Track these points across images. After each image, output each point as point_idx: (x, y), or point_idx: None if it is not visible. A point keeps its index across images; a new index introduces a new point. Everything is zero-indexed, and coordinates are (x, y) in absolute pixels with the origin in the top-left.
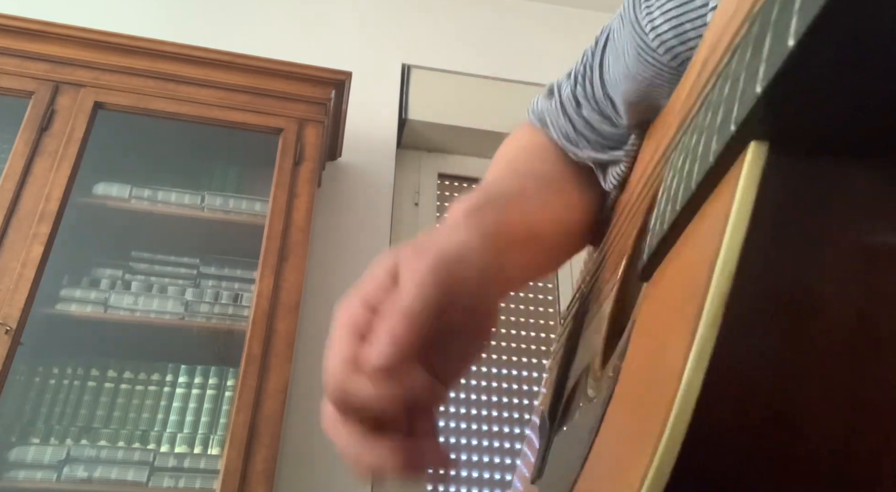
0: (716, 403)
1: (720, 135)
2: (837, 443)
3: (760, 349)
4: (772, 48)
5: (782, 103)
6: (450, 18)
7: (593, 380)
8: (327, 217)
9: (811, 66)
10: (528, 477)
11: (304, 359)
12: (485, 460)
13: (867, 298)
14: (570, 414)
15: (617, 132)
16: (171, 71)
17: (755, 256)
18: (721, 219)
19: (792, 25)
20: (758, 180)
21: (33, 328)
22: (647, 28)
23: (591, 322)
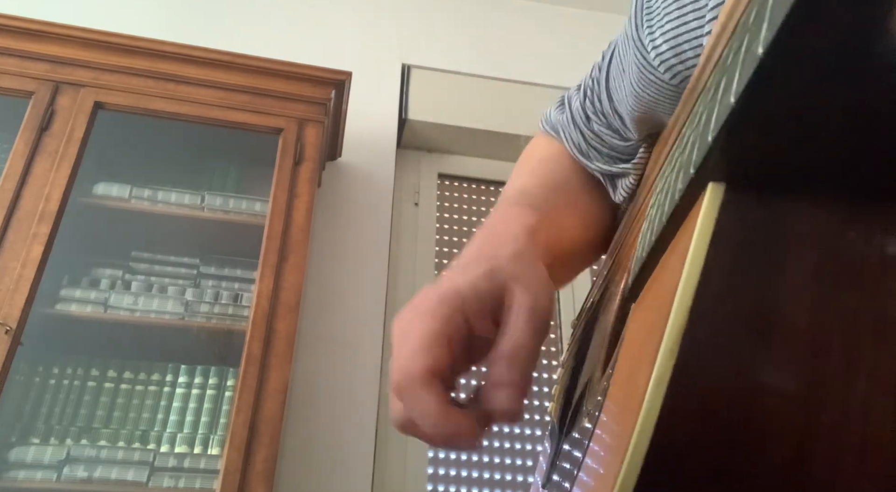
0: (673, 426)
1: (684, 174)
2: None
3: (715, 375)
4: (721, 99)
5: (731, 150)
6: (450, 18)
7: (594, 391)
8: (327, 217)
9: (752, 118)
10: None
11: (304, 359)
12: (485, 460)
13: (819, 328)
14: (577, 423)
15: (626, 145)
16: (171, 71)
17: (710, 289)
18: (682, 254)
19: (734, 82)
20: (714, 219)
21: (33, 328)
22: (649, 47)
23: (598, 333)
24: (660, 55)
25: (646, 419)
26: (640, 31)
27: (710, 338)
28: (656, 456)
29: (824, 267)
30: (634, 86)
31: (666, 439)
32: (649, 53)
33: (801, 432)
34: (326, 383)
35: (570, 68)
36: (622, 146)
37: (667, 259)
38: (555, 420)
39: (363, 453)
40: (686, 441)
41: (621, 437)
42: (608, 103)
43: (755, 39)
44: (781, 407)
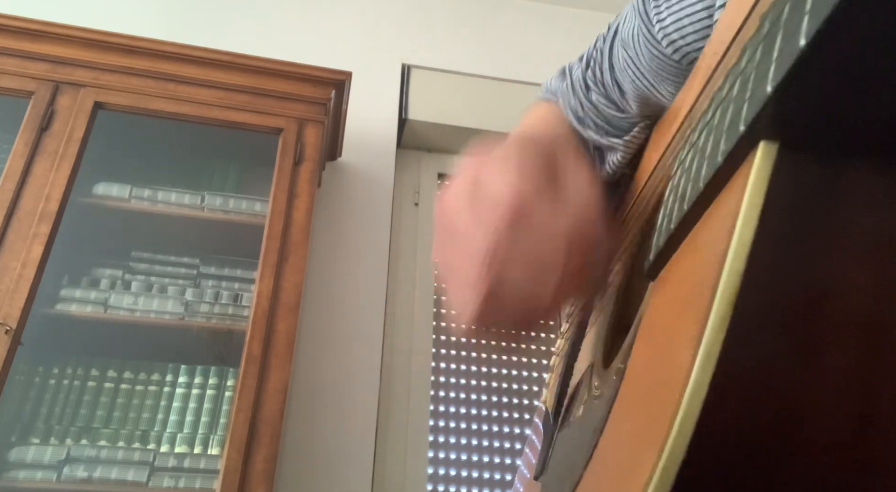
0: (723, 403)
1: (729, 134)
2: (845, 448)
3: (769, 350)
4: (782, 48)
5: (793, 103)
6: (450, 18)
7: (597, 378)
8: (327, 217)
9: (822, 66)
10: (530, 475)
11: (304, 359)
12: (485, 460)
13: (877, 297)
14: (574, 411)
15: (622, 117)
16: (171, 71)
17: (764, 255)
18: (730, 218)
19: (804, 25)
20: (767, 180)
21: (33, 328)
22: (654, 20)
23: (597, 319)
24: (664, 29)
25: (692, 397)
26: (647, 5)
27: (765, 308)
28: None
29: (885, 234)
30: (638, 58)
31: (715, 419)
32: (654, 27)
33: (861, 410)
34: (326, 383)
35: None
36: (618, 118)
37: (704, 227)
38: (549, 409)
39: (363, 453)
40: (737, 420)
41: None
42: (609, 74)
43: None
44: (838, 383)
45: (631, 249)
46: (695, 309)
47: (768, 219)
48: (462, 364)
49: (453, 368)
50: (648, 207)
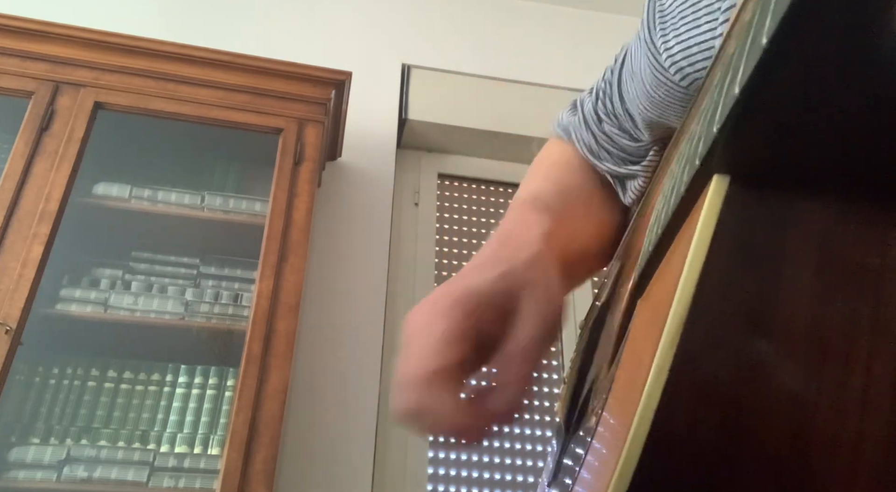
0: (671, 416)
1: (690, 166)
2: (788, 452)
3: (715, 366)
4: (726, 91)
5: (735, 142)
6: (450, 18)
7: (599, 389)
8: (327, 217)
9: (757, 110)
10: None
11: (304, 359)
12: (485, 460)
13: (817, 324)
14: (583, 421)
15: (636, 146)
16: (171, 71)
17: (712, 281)
18: (686, 246)
19: (739, 72)
20: (718, 210)
21: (33, 328)
22: (662, 50)
23: (606, 332)
24: (672, 57)
25: (645, 407)
26: (653, 34)
27: (711, 329)
28: (655, 443)
29: (825, 264)
30: (646, 88)
31: (665, 427)
32: (661, 55)
33: (798, 423)
34: (326, 382)
35: (571, 68)
36: (632, 147)
37: (672, 253)
38: (561, 419)
39: (363, 453)
40: (685, 429)
41: (621, 427)
42: (620, 105)
43: (759, 32)
44: (779, 399)
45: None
46: (656, 326)
47: (717, 247)
48: None
49: None
50: None
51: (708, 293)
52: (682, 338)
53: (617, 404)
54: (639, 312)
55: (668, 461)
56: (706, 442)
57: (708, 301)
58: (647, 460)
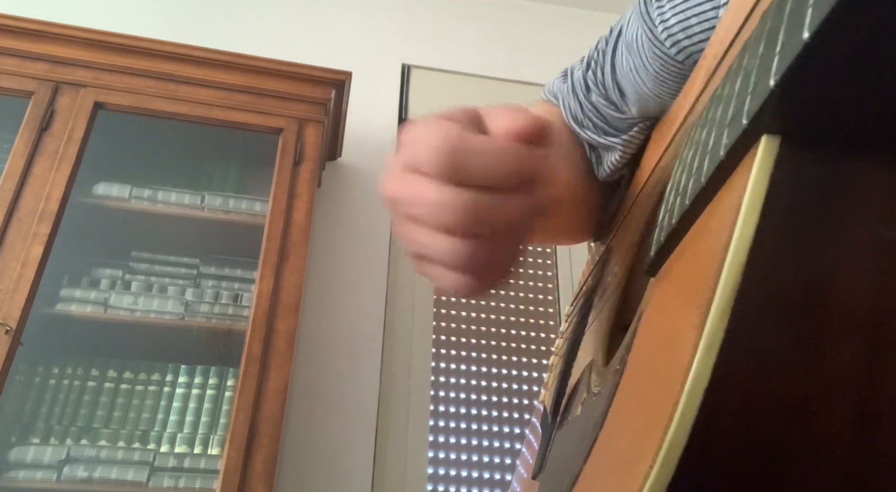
0: (725, 394)
1: (731, 129)
2: (848, 444)
3: (771, 342)
4: (785, 41)
5: (796, 97)
6: (450, 18)
7: (597, 375)
8: (327, 217)
9: (826, 59)
10: (527, 475)
11: (304, 359)
12: (485, 460)
13: (880, 293)
14: (573, 409)
15: (621, 119)
16: (171, 71)
17: (766, 248)
18: (732, 211)
19: (807, 18)
20: (769, 173)
21: (33, 328)
22: (657, 21)
23: (596, 318)
24: (668, 29)
25: (693, 387)
26: (650, 6)
27: (766, 302)
28: (706, 426)
29: (887, 232)
30: (643, 60)
31: (717, 408)
32: (657, 27)
33: (862, 404)
34: (326, 382)
35: None
36: (616, 119)
37: (706, 223)
38: (547, 408)
39: (363, 453)
40: (739, 410)
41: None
42: (610, 75)
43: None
44: (839, 378)
45: (631, 249)
46: (696, 301)
47: (770, 212)
48: (462, 364)
49: (453, 368)
50: (648, 207)
51: (762, 262)
52: (735, 311)
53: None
54: (656, 290)
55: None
56: (764, 425)
57: (761, 272)
58: (696, 445)
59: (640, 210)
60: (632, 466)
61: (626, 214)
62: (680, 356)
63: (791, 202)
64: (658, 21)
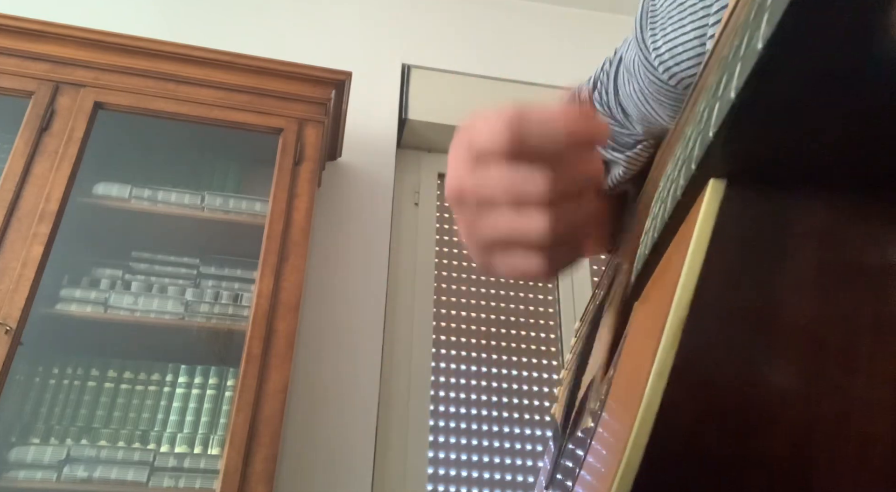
0: (673, 418)
1: (686, 171)
2: (791, 454)
3: (715, 370)
4: (722, 95)
5: (731, 146)
6: (450, 18)
7: (595, 391)
8: (327, 217)
9: (753, 114)
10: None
11: (304, 359)
12: (484, 460)
13: (821, 322)
14: (581, 423)
15: (627, 136)
16: (171, 71)
17: (711, 284)
18: (684, 250)
19: (735, 76)
20: (715, 215)
21: (33, 328)
22: (651, 48)
23: (601, 334)
24: (660, 57)
25: (646, 412)
26: (644, 33)
27: (711, 332)
28: (657, 447)
29: (826, 264)
30: (638, 84)
31: (666, 431)
32: (651, 54)
33: (801, 424)
34: (326, 383)
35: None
36: (623, 138)
37: (669, 256)
38: (558, 421)
39: (363, 453)
40: (686, 433)
41: (621, 431)
42: (614, 98)
43: (755, 35)
44: (781, 400)
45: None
46: (655, 330)
47: (715, 253)
48: (462, 364)
49: (453, 368)
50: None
51: (707, 296)
52: (683, 340)
53: (617, 408)
54: (636, 314)
55: (670, 467)
56: (709, 446)
57: (707, 303)
58: (649, 465)
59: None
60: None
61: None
62: (640, 381)
63: (735, 239)
64: (651, 48)
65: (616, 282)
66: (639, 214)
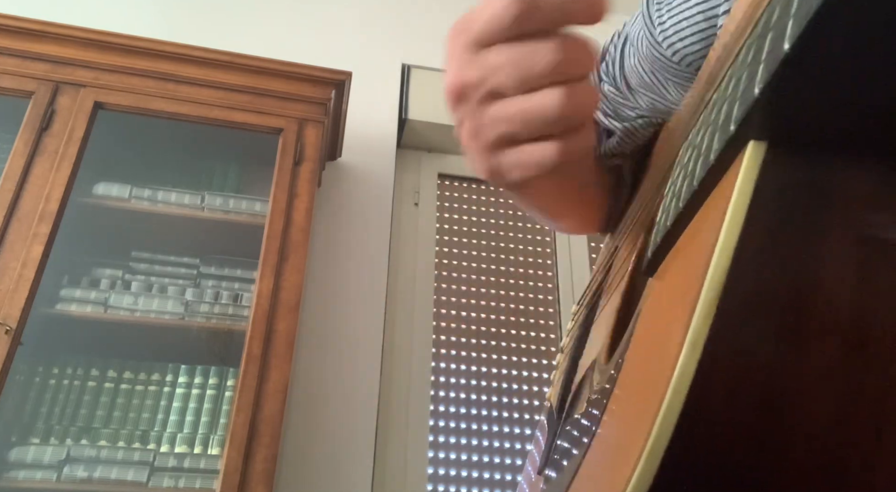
0: (708, 390)
1: (721, 134)
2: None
3: (753, 340)
4: (770, 50)
5: (779, 105)
6: (450, 18)
7: (599, 373)
8: (327, 217)
9: (807, 68)
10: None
11: (304, 359)
12: (484, 460)
13: (861, 294)
14: (577, 407)
15: (629, 107)
16: (171, 71)
17: (750, 250)
18: (719, 215)
19: (788, 29)
20: (755, 179)
21: (33, 328)
22: (656, 23)
23: (601, 315)
24: (664, 32)
25: (679, 381)
26: (650, 8)
27: (749, 302)
28: (689, 420)
29: (869, 235)
30: (642, 59)
31: (700, 404)
32: (655, 29)
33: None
34: (326, 383)
35: None
36: (624, 106)
37: (698, 224)
38: (553, 405)
39: (363, 453)
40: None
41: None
42: (619, 71)
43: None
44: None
45: (636, 247)
46: (685, 301)
47: (754, 217)
48: (462, 364)
49: (453, 368)
50: (652, 206)
51: (745, 264)
52: (720, 309)
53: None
54: (653, 289)
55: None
56: (743, 419)
57: (744, 274)
58: (680, 438)
59: (646, 208)
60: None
61: (633, 211)
62: (668, 354)
63: (775, 207)
64: (657, 23)
65: (616, 265)
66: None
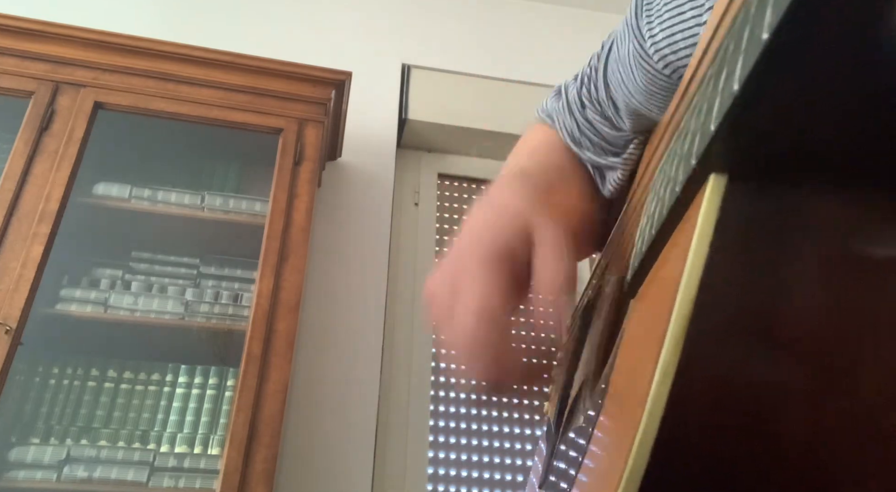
0: (680, 418)
1: (685, 166)
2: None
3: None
4: (723, 88)
5: (736, 140)
6: (450, 18)
7: (590, 390)
8: (327, 217)
9: (758, 106)
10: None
11: (304, 359)
12: (484, 460)
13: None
14: (573, 422)
15: (617, 135)
16: (171, 71)
17: (715, 280)
18: (685, 246)
19: (737, 69)
20: (717, 210)
21: (33, 328)
22: (646, 36)
23: (593, 332)
24: (655, 44)
25: (651, 412)
26: (640, 20)
27: (716, 330)
28: (663, 449)
29: (830, 259)
30: (630, 74)
31: (673, 432)
32: (646, 42)
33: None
34: (326, 383)
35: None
36: (613, 136)
37: (668, 253)
38: (551, 420)
39: (363, 453)
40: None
41: (625, 431)
42: (604, 91)
43: (759, 25)
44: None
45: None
46: (659, 329)
47: (718, 248)
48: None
49: (453, 367)
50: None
51: (711, 292)
52: (687, 339)
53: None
54: (633, 312)
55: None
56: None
57: (712, 299)
58: (656, 467)
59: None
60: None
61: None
62: (642, 382)
63: (738, 235)
64: (647, 36)
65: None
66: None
